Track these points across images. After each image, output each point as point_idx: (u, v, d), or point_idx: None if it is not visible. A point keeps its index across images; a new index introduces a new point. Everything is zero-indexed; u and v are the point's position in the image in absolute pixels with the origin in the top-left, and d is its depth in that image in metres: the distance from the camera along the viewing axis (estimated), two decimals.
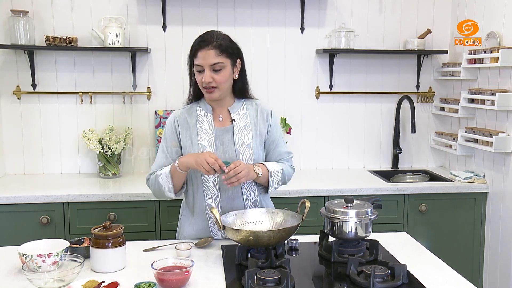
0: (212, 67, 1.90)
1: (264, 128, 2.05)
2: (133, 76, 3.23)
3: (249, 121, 2.03)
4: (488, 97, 2.87)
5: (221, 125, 2.02)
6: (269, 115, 2.07)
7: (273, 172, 1.99)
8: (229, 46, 1.94)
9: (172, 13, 3.24)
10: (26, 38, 3.01)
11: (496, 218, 2.97)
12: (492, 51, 2.84)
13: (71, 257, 1.67)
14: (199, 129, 2.00)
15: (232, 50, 1.95)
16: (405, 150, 3.53)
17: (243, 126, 2.02)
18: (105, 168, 3.14)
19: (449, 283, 1.64)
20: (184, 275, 1.55)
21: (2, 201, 2.67)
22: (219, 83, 1.92)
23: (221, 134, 2.00)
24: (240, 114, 2.03)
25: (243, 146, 1.99)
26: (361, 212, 1.79)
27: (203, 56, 1.89)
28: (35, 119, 3.21)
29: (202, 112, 2.03)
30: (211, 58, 1.89)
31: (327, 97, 3.45)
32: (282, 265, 1.64)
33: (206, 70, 1.90)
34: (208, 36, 1.92)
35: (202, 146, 1.97)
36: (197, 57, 1.91)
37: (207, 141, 1.98)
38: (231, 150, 1.98)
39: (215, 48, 1.89)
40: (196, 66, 1.92)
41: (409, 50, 3.36)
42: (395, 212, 2.99)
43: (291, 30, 3.35)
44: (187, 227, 2.08)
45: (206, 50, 1.89)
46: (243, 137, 2.00)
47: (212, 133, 1.99)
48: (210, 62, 1.89)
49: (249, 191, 2.03)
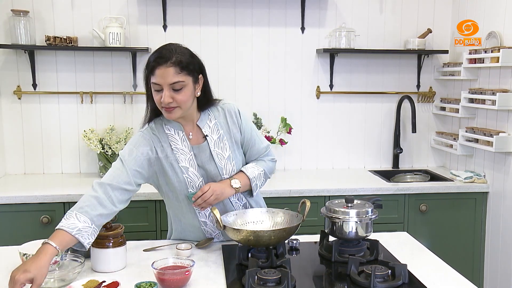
0: (171, 86, 1.72)
1: (237, 132, 1.94)
2: (133, 76, 3.24)
3: (221, 130, 1.91)
4: (488, 97, 2.87)
5: (195, 143, 1.88)
6: (237, 115, 1.94)
7: (254, 178, 1.93)
8: (190, 62, 1.76)
9: (172, 13, 3.24)
10: (26, 38, 3.01)
11: (496, 218, 2.97)
12: (492, 50, 2.84)
13: (72, 257, 1.67)
14: (175, 150, 1.85)
15: (193, 66, 1.77)
16: (406, 150, 3.53)
17: (217, 138, 1.89)
18: (105, 168, 3.14)
19: (450, 283, 1.64)
20: (184, 275, 1.55)
21: (3, 201, 2.67)
22: (180, 103, 1.75)
23: (198, 153, 1.88)
24: (210, 126, 1.90)
25: (223, 161, 1.89)
26: (361, 212, 1.79)
27: (161, 74, 1.70)
28: (35, 119, 3.21)
29: (172, 130, 1.87)
30: (170, 77, 1.71)
31: (327, 97, 3.45)
32: (282, 265, 1.64)
33: (165, 89, 1.72)
34: (166, 51, 1.73)
35: (184, 168, 1.85)
36: (155, 75, 1.72)
37: (188, 161, 1.86)
38: (212, 167, 1.88)
39: (174, 65, 1.71)
40: (154, 85, 1.74)
41: (410, 50, 3.36)
42: (395, 212, 2.99)
43: (291, 30, 3.35)
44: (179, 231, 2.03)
45: (164, 68, 1.70)
46: (221, 151, 1.89)
47: (189, 151, 1.87)
48: (170, 81, 1.71)
49: (236, 197, 1.97)
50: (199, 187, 1.86)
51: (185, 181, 1.86)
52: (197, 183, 1.87)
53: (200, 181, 1.87)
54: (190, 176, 1.86)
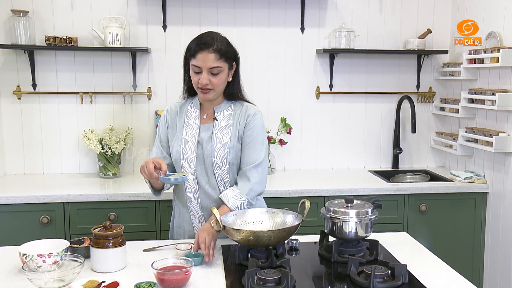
0: (210, 70, 1.92)
1: (242, 130, 2.02)
2: (133, 76, 3.24)
3: (231, 121, 2.03)
4: (488, 97, 2.87)
5: (205, 122, 2.05)
6: (250, 117, 2.02)
7: (236, 208, 1.93)
8: (228, 50, 1.96)
9: (172, 13, 3.24)
10: (26, 38, 3.01)
11: (496, 218, 2.97)
12: (492, 51, 2.84)
13: (72, 257, 1.67)
14: (186, 124, 2.05)
15: (230, 54, 1.97)
16: (405, 150, 3.53)
17: (224, 126, 2.02)
18: (105, 168, 3.14)
19: (450, 283, 1.64)
20: (184, 275, 1.55)
21: (2, 201, 2.67)
22: (215, 85, 1.95)
23: (204, 131, 2.03)
24: (224, 114, 2.04)
25: (219, 145, 1.99)
26: (361, 212, 1.79)
27: (203, 58, 1.90)
28: (35, 119, 3.21)
29: (192, 108, 2.07)
30: (210, 62, 1.91)
31: (327, 97, 3.45)
32: (282, 265, 1.64)
33: (204, 72, 1.92)
34: (208, 38, 1.93)
35: (184, 140, 2.02)
36: (196, 58, 1.92)
37: (191, 136, 2.02)
38: (208, 147, 2.00)
39: (215, 52, 1.91)
40: (194, 67, 1.94)
41: (410, 50, 3.36)
42: (395, 212, 2.99)
43: (291, 30, 3.35)
44: (178, 216, 2.13)
45: (206, 53, 1.90)
46: (221, 136, 2.00)
47: (196, 128, 2.03)
48: (209, 66, 1.91)
49: (226, 186, 2.02)
50: (189, 162, 2.00)
51: (180, 152, 2.01)
52: (189, 157, 2.00)
53: (192, 156, 2.00)
54: (186, 149, 2.00)
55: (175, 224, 2.15)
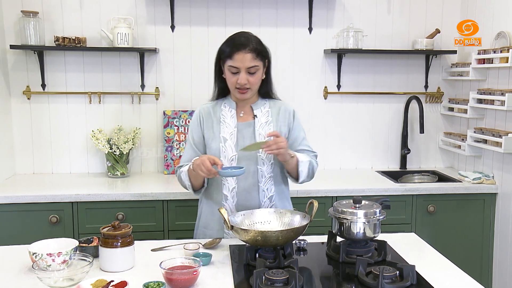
0: (248, 70, 1.97)
1: (285, 127, 2.10)
2: (141, 76, 3.25)
3: (271, 118, 2.09)
4: (497, 97, 2.85)
5: (243, 120, 2.08)
6: (291, 115, 2.13)
7: (302, 162, 2.02)
8: (262, 49, 2.02)
9: (180, 13, 3.25)
10: (36, 39, 3.03)
11: (505, 219, 2.95)
12: (501, 51, 2.82)
13: (80, 256, 1.68)
14: (222, 122, 2.07)
15: (264, 53, 2.03)
16: (413, 151, 3.52)
17: (265, 122, 2.07)
18: (113, 168, 3.15)
19: (458, 284, 1.63)
20: (192, 275, 1.56)
21: (12, 200, 2.69)
22: (252, 84, 2.00)
23: (243, 128, 2.06)
24: (262, 111, 2.10)
25: (263, 141, 2.01)
26: (369, 213, 1.79)
27: (241, 59, 1.95)
28: (44, 119, 3.23)
29: (227, 107, 2.10)
30: (248, 62, 1.96)
31: (335, 97, 3.44)
32: (290, 265, 1.64)
33: (242, 72, 1.97)
34: (243, 39, 1.98)
35: (223, 139, 2.04)
36: (234, 59, 1.96)
37: (229, 134, 2.04)
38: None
39: (251, 52, 1.96)
40: (231, 68, 1.98)
41: (418, 50, 3.35)
42: (403, 213, 2.98)
43: (299, 30, 3.35)
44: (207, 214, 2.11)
45: (243, 53, 1.95)
46: (264, 132, 2.05)
47: (234, 127, 2.06)
48: (247, 65, 1.96)
49: (266, 186, 2.06)
50: (230, 159, 2.02)
51: (219, 150, 2.02)
52: (230, 155, 2.02)
53: (234, 154, 2.03)
54: (226, 147, 2.03)
55: (201, 224, 2.14)
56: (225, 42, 2.01)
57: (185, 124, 3.25)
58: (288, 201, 2.20)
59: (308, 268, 1.75)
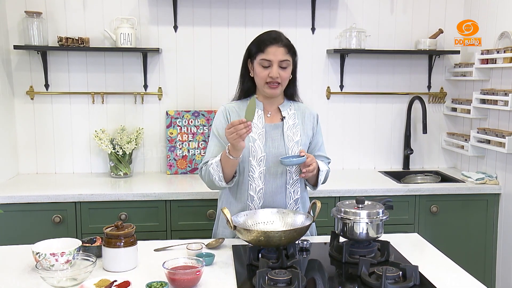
0: (280, 64, 1.98)
1: (310, 130, 2.12)
2: (144, 77, 3.25)
3: (297, 120, 2.10)
4: (501, 97, 2.84)
5: (270, 121, 2.08)
6: (315, 119, 2.16)
7: (322, 172, 2.05)
8: (292, 47, 2.05)
9: (183, 14, 3.25)
10: (39, 39, 3.04)
11: (508, 219, 2.95)
12: (505, 51, 2.81)
13: (84, 256, 1.68)
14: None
15: (294, 50, 2.06)
16: (416, 151, 3.51)
17: (292, 124, 2.08)
18: (116, 168, 3.16)
19: (461, 284, 1.63)
20: (195, 275, 1.56)
21: (16, 200, 2.70)
22: (283, 79, 2.01)
23: (271, 130, 2.05)
24: (289, 113, 2.10)
25: (292, 143, 2.04)
26: (372, 213, 1.79)
27: (274, 52, 1.97)
28: (47, 119, 3.24)
29: None
30: (281, 55, 1.98)
31: (338, 97, 3.44)
32: (293, 266, 1.64)
33: (275, 65, 1.97)
34: (276, 34, 2.02)
35: (252, 138, 2.01)
36: (267, 53, 1.97)
37: (257, 135, 2.02)
38: (280, 145, 2.03)
39: (284, 46, 1.99)
40: (263, 61, 1.98)
41: (421, 50, 3.34)
42: (406, 213, 2.98)
43: (302, 31, 3.35)
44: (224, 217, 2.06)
45: (277, 47, 1.98)
46: (292, 134, 2.06)
47: (262, 127, 2.04)
48: (280, 59, 1.97)
49: (293, 188, 2.05)
50: (259, 160, 2.00)
51: (249, 149, 1.99)
52: (259, 155, 2.00)
53: (262, 155, 2.00)
54: (255, 147, 2.01)
55: (220, 223, 2.11)
56: (256, 39, 2.03)
57: (188, 124, 3.25)
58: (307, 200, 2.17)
59: (311, 269, 1.75)
